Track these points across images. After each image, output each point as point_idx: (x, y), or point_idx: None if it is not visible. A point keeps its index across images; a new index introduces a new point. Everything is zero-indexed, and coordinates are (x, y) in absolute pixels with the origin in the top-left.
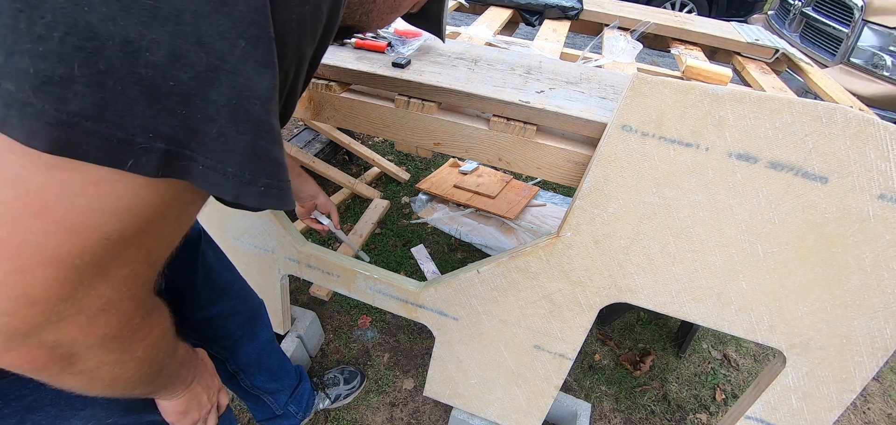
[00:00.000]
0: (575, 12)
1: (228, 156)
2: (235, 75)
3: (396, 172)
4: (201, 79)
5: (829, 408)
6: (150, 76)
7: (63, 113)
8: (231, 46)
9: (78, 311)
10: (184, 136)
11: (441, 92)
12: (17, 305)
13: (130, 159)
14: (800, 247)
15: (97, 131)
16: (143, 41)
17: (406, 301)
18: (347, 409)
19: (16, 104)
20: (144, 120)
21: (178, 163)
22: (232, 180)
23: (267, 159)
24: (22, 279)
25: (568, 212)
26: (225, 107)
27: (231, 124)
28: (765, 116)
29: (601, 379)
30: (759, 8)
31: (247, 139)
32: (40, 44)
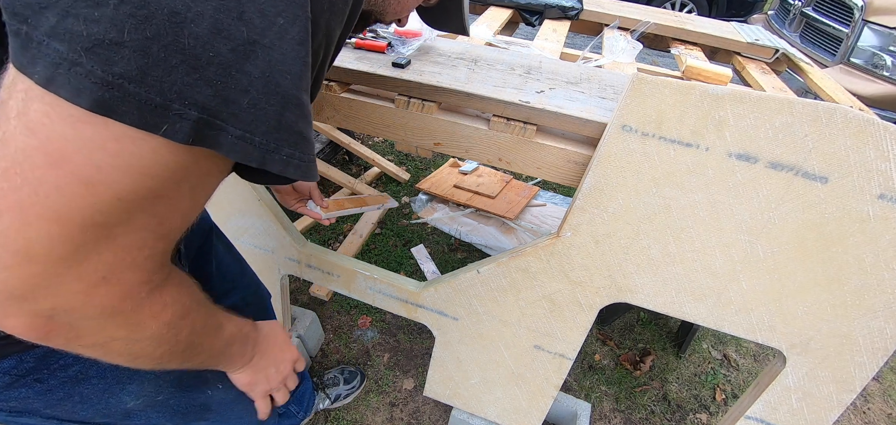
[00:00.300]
0: (575, 12)
1: (256, 126)
2: (271, 50)
3: (396, 172)
4: (239, 51)
5: (829, 408)
6: (191, 46)
7: (109, 74)
8: (270, 23)
9: (77, 278)
10: (217, 105)
11: (441, 92)
12: (17, 259)
13: (165, 124)
14: (800, 247)
15: (137, 94)
16: (190, 13)
17: (406, 301)
18: (347, 409)
19: (65, 63)
20: (182, 87)
21: (208, 131)
22: (258, 148)
23: (292, 130)
24: (25, 232)
25: (568, 212)
26: (259, 80)
27: (262, 96)
28: (765, 116)
29: (601, 379)
30: (759, 8)
31: (275, 110)
32: (96, 9)
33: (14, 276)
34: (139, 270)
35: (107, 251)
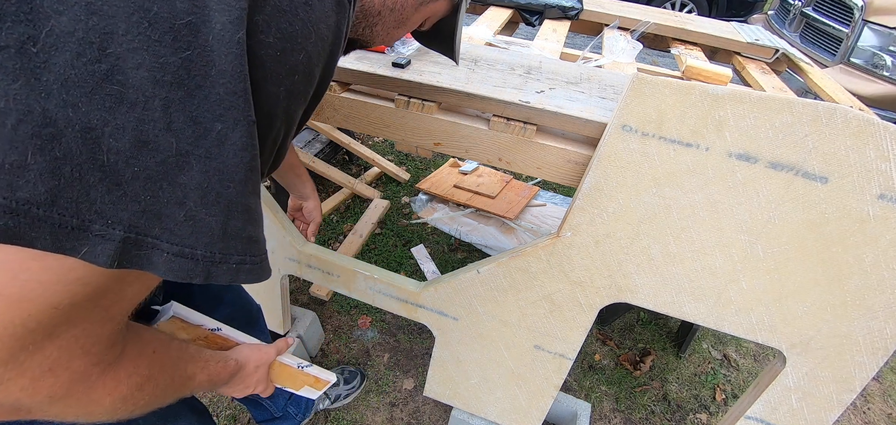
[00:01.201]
0: (575, 12)
1: (197, 239)
2: (209, 159)
3: (396, 172)
4: (169, 163)
5: (829, 408)
6: (112, 162)
7: (12, 200)
8: (205, 131)
9: (20, 374)
10: (146, 222)
11: (441, 92)
12: None
13: (84, 247)
14: (800, 247)
15: (48, 218)
16: (107, 128)
17: (406, 301)
18: (347, 409)
19: None
20: (103, 206)
21: (137, 251)
22: (201, 262)
23: (240, 237)
24: None
25: (568, 212)
26: (195, 191)
27: (201, 207)
28: (765, 116)
29: (601, 379)
30: (759, 8)
31: (218, 220)
32: None
33: None
34: (87, 355)
35: (50, 347)
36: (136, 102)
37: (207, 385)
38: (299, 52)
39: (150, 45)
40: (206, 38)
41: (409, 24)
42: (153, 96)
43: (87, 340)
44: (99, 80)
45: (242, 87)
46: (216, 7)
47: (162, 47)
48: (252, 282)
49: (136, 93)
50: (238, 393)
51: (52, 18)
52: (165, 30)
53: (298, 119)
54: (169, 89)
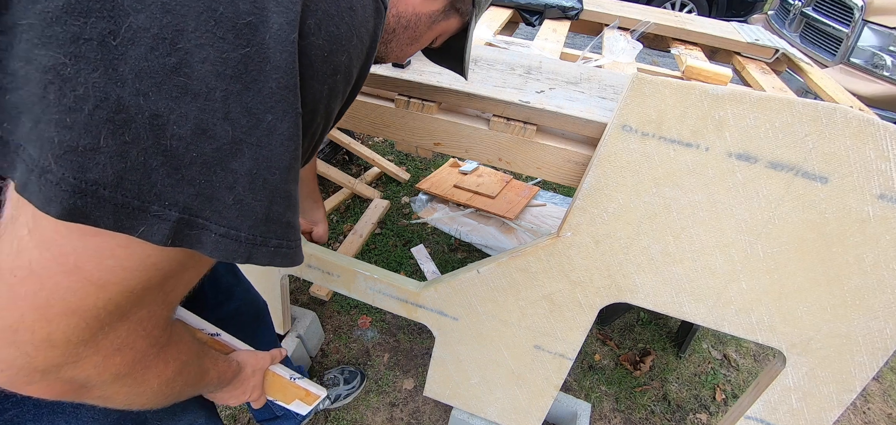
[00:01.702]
0: (575, 12)
1: (242, 221)
2: (259, 147)
3: (396, 172)
4: (224, 150)
5: (829, 408)
6: (173, 147)
7: (81, 181)
8: (257, 121)
9: (95, 352)
10: (199, 204)
11: (441, 92)
12: (39, 348)
13: (142, 227)
14: (800, 247)
15: (112, 199)
16: (172, 115)
17: (406, 301)
18: (347, 409)
19: (36, 169)
20: (162, 189)
21: (189, 231)
22: (244, 244)
23: (280, 222)
24: (47, 326)
25: (568, 212)
26: (244, 177)
27: (249, 192)
28: (765, 116)
29: (601, 379)
30: (759, 8)
31: (262, 205)
32: (68, 114)
33: (39, 359)
34: (149, 337)
35: (121, 327)
36: (199, 93)
37: (216, 382)
38: (342, 54)
39: (215, 42)
40: (263, 37)
41: (422, 41)
42: (215, 88)
43: (150, 322)
44: (168, 72)
45: (293, 82)
46: (274, 9)
47: (225, 44)
48: (286, 266)
49: (200, 84)
50: (233, 399)
51: (131, 16)
52: (229, 28)
53: (335, 115)
54: (229, 82)
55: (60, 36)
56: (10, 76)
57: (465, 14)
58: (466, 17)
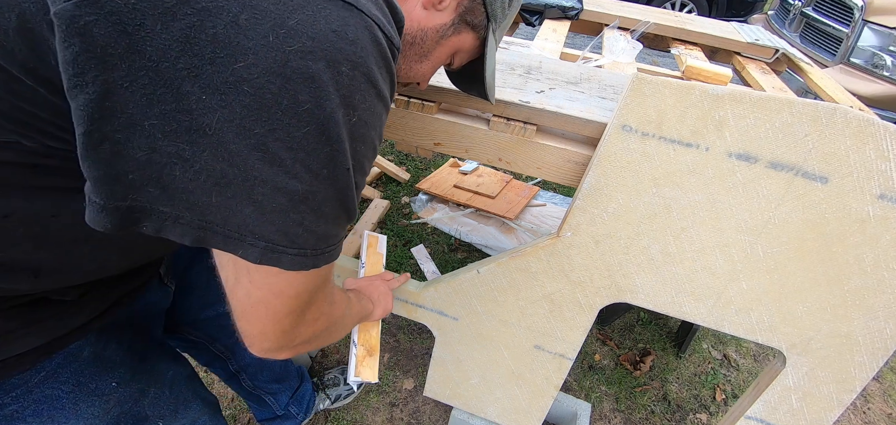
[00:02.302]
0: (575, 12)
1: (307, 244)
2: (317, 194)
3: (396, 172)
4: (295, 199)
5: (829, 408)
6: (260, 200)
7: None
8: (317, 176)
9: (307, 324)
10: (278, 237)
11: (441, 92)
12: (280, 335)
13: (241, 250)
14: (800, 247)
15: (220, 233)
16: (258, 177)
17: (406, 301)
18: (347, 409)
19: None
20: (253, 227)
21: (272, 255)
22: (310, 256)
23: (331, 236)
24: (279, 324)
25: (568, 212)
26: (310, 213)
27: (312, 222)
28: (765, 116)
29: (601, 379)
30: (759, 8)
31: (322, 228)
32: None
33: (282, 339)
34: (325, 300)
35: (313, 307)
36: (274, 162)
37: (358, 300)
38: (381, 100)
39: (285, 126)
40: (319, 117)
41: (433, 59)
42: (286, 158)
43: (324, 296)
44: (252, 148)
45: (343, 147)
46: (327, 96)
47: (292, 127)
48: (335, 260)
49: (274, 155)
50: (379, 312)
51: (217, 111)
52: (293, 115)
53: None
54: (295, 152)
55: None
56: None
57: (478, 28)
58: (481, 33)
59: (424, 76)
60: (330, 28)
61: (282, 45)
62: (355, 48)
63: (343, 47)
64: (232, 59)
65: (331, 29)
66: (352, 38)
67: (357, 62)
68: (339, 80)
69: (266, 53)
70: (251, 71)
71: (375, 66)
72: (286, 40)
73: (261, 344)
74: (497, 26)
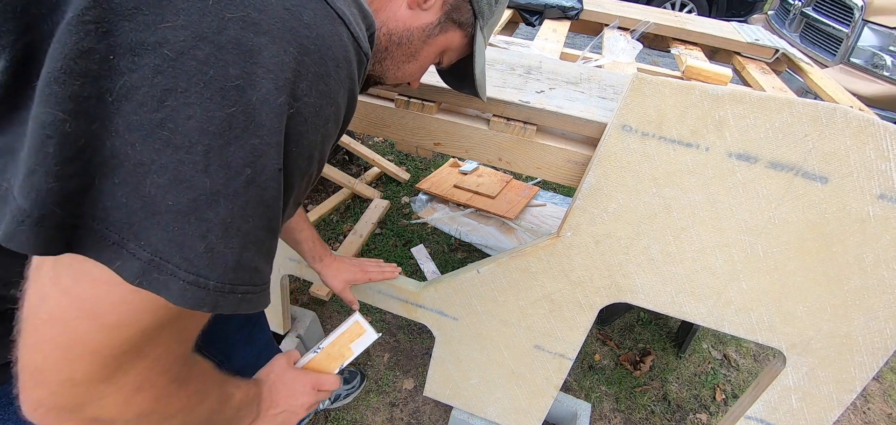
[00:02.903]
0: (575, 12)
1: (212, 270)
2: (235, 197)
3: (396, 172)
4: (200, 201)
5: (829, 408)
6: (152, 194)
7: (77, 215)
8: (235, 174)
9: (116, 391)
10: (169, 250)
11: (441, 92)
12: (63, 387)
13: (118, 261)
14: (800, 247)
15: (98, 231)
16: (154, 165)
17: (406, 301)
18: (347, 409)
19: (31, 216)
20: (139, 230)
21: (158, 274)
22: (212, 293)
23: (248, 269)
24: (69, 364)
25: (568, 212)
26: (218, 226)
27: (222, 240)
28: (765, 116)
29: (601, 379)
30: (759, 8)
31: (234, 253)
32: (66, 165)
33: (64, 398)
34: (168, 373)
35: (139, 365)
36: (180, 146)
37: (245, 404)
38: (332, 105)
39: (202, 102)
40: (250, 98)
41: (420, 59)
42: (197, 142)
43: (168, 359)
44: (154, 126)
45: (276, 141)
46: (263, 75)
47: (212, 103)
48: (252, 311)
49: (183, 138)
50: (278, 418)
51: (125, 75)
52: (216, 89)
53: (329, 151)
54: (212, 138)
55: (59, 94)
56: (22, 136)
57: (466, 26)
58: (469, 30)
59: (413, 76)
60: (282, 4)
61: (220, 9)
62: (310, 32)
63: (295, 27)
64: (158, 17)
65: (283, 5)
66: (307, 21)
67: (309, 48)
68: (283, 60)
69: (200, 16)
70: (178, 34)
71: (332, 65)
72: (227, 6)
73: (31, 394)
74: (485, 23)
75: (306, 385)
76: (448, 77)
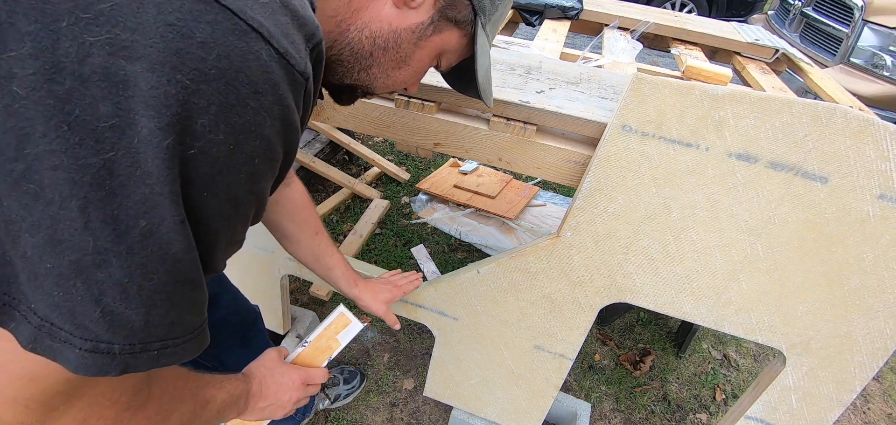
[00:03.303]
0: (575, 12)
1: (115, 334)
2: (130, 255)
3: (396, 172)
4: (85, 262)
5: (829, 408)
6: (29, 255)
7: None
8: (127, 228)
9: None
10: (58, 318)
11: (441, 92)
12: None
13: (12, 323)
14: (800, 247)
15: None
16: (24, 223)
17: (406, 301)
18: (347, 409)
19: None
20: (26, 291)
21: (51, 342)
22: (119, 356)
23: (162, 325)
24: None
25: (568, 212)
26: (114, 287)
27: (121, 302)
28: (765, 116)
29: (601, 379)
30: (759, 8)
31: (139, 313)
32: None
33: None
34: (116, 404)
35: (77, 405)
36: (51, 201)
37: (229, 403)
38: (255, 139)
39: (69, 148)
40: (131, 141)
41: (414, 64)
42: (70, 196)
43: (113, 391)
44: (16, 178)
45: (169, 190)
46: (143, 112)
47: (82, 149)
48: (176, 364)
49: (53, 192)
50: (267, 412)
51: None
52: (87, 132)
53: (270, 190)
54: (88, 189)
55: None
56: None
57: (463, 24)
58: (469, 29)
59: (407, 82)
60: (163, 19)
61: (79, 32)
62: (207, 53)
63: (183, 48)
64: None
65: (165, 21)
66: (202, 39)
67: (207, 73)
68: (166, 91)
69: (54, 42)
70: (26, 65)
71: (246, 91)
72: (88, 28)
73: None
74: (487, 20)
75: (295, 380)
76: (452, 79)
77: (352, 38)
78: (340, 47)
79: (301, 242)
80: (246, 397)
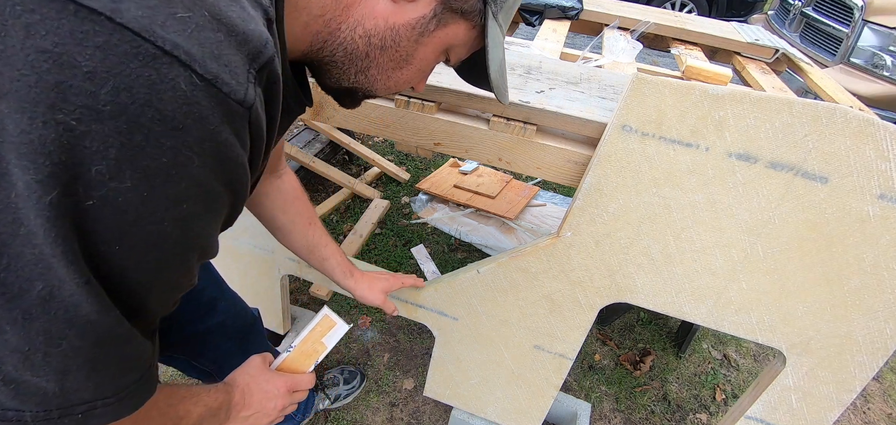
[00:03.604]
0: (575, 12)
1: (23, 402)
2: (28, 321)
3: (396, 172)
4: None
5: (829, 408)
6: None
7: None
8: (19, 292)
9: None
10: None
11: (441, 92)
12: None
13: None
14: (800, 247)
15: None
16: None
17: (406, 301)
18: (347, 409)
19: None
20: None
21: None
22: (32, 424)
23: (84, 388)
24: None
25: (568, 212)
26: (13, 355)
27: (25, 370)
28: (765, 116)
29: (601, 379)
30: (759, 8)
31: (51, 378)
32: None
33: None
34: None
35: None
36: None
37: (207, 416)
38: (180, 182)
39: None
40: (7, 196)
41: (416, 62)
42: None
43: None
44: None
45: (61, 250)
46: (16, 162)
47: None
48: (117, 419)
49: None
50: (253, 420)
51: None
52: None
53: (218, 229)
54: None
55: None
56: None
57: (471, 14)
58: (477, 19)
59: (411, 82)
60: (34, 45)
61: None
62: (96, 86)
63: (63, 81)
64: None
65: (36, 47)
66: (90, 69)
67: (100, 111)
68: (41, 135)
69: None
70: None
71: (160, 129)
72: None
73: None
74: (498, 8)
75: (280, 387)
76: (466, 73)
77: (344, 37)
78: (332, 48)
79: (294, 234)
80: (227, 407)
